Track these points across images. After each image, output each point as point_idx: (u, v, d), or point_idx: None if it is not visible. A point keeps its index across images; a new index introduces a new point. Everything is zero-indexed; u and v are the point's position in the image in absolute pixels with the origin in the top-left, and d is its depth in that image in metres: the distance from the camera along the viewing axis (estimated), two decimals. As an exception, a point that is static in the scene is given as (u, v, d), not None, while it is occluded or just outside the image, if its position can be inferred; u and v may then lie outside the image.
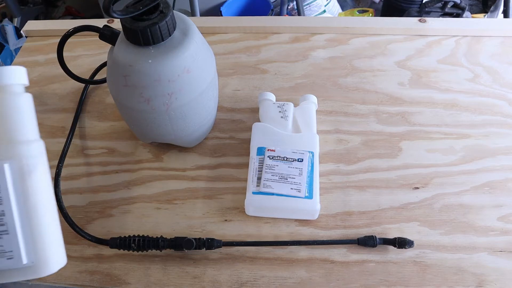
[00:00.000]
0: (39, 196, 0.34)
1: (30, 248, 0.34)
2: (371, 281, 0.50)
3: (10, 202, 0.33)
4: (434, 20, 0.80)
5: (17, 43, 1.66)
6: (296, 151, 0.56)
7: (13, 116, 0.34)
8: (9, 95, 0.34)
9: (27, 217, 0.33)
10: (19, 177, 0.33)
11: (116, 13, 0.44)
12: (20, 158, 0.33)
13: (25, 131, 0.34)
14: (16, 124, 0.34)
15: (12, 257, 0.33)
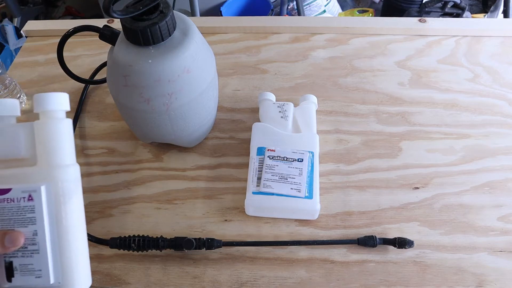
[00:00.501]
0: (71, 219, 0.35)
1: (58, 269, 0.35)
2: (371, 281, 0.50)
3: (43, 223, 0.34)
4: (434, 20, 0.80)
5: (17, 43, 1.66)
6: (296, 151, 0.56)
7: (54, 141, 0.35)
8: (51, 120, 0.35)
9: (58, 238, 0.35)
10: (55, 199, 0.34)
11: (116, 13, 0.44)
12: (57, 181, 0.34)
13: (64, 155, 0.35)
14: (56, 149, 0.35)
15: (41, 276, 0.34)
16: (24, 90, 0.72)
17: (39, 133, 0.35)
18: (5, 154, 0.35)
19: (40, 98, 0.35)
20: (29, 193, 0.34)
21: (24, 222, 0.34)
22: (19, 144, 0.35)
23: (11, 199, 0.34)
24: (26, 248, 0.34)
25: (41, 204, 0.34)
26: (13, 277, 0.34)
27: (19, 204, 0.34)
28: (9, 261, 0.34)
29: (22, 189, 0.34)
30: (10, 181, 0.34)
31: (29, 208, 0.34)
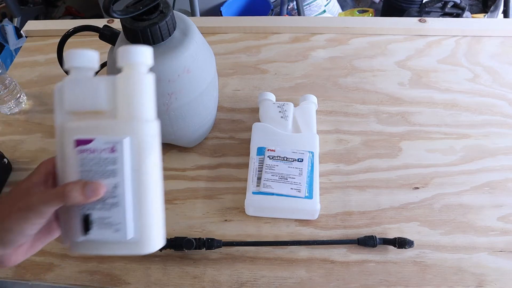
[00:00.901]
0: (151, 174, 0.34)
1: (136, 223, 0.34)
2: (371, 281, 0.50)
3: (124, 176, 0.33)
4: (434, 20, 0.80)
5: (17, 43, 1.66)
6: (296, 151, 0.56)
7: (138, 94, 0.34)
8: (137, 73, 0.34)
9: (137, 193, 0.34)
10: (137, 153, 0.33)
11: (116, 13, 0.44)
12: (139, 135, 0.33)
13: (147, 110, 0.34)
14: (140, 102, 0.34)
15: (119, 230, 0.34)
16: (24, 90, 0.72)
17: (123, 86, 0.34)
18: (83, 106, 0.34)
19: (125, 50, 0.34)
20: (112, 145, 0.33)
21: (104, 174, 0.33)
22: (100, 96, 0.34)
23: (93, 150, 0.33)
24: (105, 201, 0.33)
25: (123, 156, 0.33)
26: (90, 230, 0.34)
27: (100, 156, 0.33)
28: (87, 213, 0.34)
29: (105, 141, 0.33)
30: (92, 132, 0.33)
31: (111, 160, 0.33)
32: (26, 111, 0.71)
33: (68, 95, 0.34)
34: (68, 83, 0.34)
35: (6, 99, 0.68)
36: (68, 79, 0.34)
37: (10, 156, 0.63)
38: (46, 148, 0.65)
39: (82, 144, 0.33)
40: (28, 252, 0.37)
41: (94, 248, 0.35)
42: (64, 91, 0.34)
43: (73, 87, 0.34)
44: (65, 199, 0.32)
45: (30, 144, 0.66)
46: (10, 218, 0.32)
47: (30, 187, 0.34)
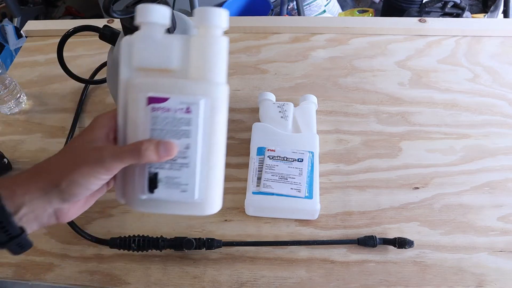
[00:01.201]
0: (220, 138, 0.34)
1: (203, 185, 0.34)
2: (371, 281, 0.50)
3: (197, 137, 0.33)
4: (434, 20, 0.80)
5: (17, 43, 1.66)
6: (296, 151, 0.56)
7: (214, 57, 0.33)
8: (214, 35, 0.33)
9: (207, 155, 0.34)
10: (209, 115, 0.33)
11: (116, 13, 0.44)
12: (214, 97, 0.33)
13: (221, 73, 0.34)
14: (216, 65, 0.34)
15: (186, 190, 0.34)
16: (24, 90, 0.72)
17: (199, 47, 0.33)
18: (153, 63, 0.33)
19: (202, 12, 0.33)
20: (187, 105, 0.33)
21: (177, 134, 0.33)
22: (171, 54, 0.33)
23: (168, 109, 0.33)
24: (175, 161, 0.33)
25: (198, 118, 0.33)
26: (156, 189, 0.34)
27: (175, 115, 0.33)
28: (155, 172, 0.33)
29: (180, 100, 0.33)
30: (166, 90, 0.33)
31: (185, 121, 0.33)
32: (26, 111, 0.71)
33: (138, 51, 0.33)
34: (139, 38, 0.33)
35: (6, 99, 0.68)
36: (139, 35, 0.34)
37: (10, 156, 0.63)
38: (46, 148, 0.65)
39: (156, 102, 0.33)
40: (83, 208, 0.36)
41: (156, 207, 0.35)
42: (134, 47, 0.33)
43: (144, 43, 0.33)
44: (139, 157, 0.32)
45: (30, 144, 0.66)
46: (77, 171, 0.32)
47: (94, 141, 0.34)
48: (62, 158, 0.34)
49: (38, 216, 0.33)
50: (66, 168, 0.33)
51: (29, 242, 0.34)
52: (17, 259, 0.53)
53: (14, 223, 0.32)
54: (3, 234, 0.32)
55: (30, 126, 0.68)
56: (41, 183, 0.33)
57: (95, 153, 0.33)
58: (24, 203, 0.32)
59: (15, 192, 0.32)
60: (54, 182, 0.32)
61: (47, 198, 0.32)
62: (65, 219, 0.35)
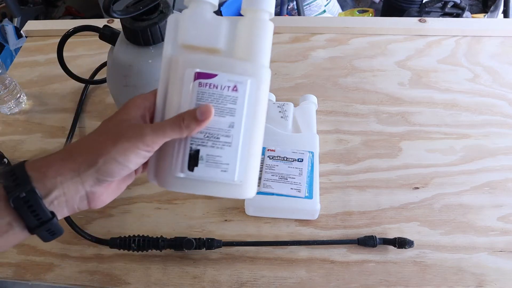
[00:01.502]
0: (261, 119, 0.34)
1: (243, 166, 0.33)
2: (371, 281, 0.50)
3: (242, 117, 0.33)
4: (434, 20, 0.80)
5: (17, 43, 1.66)
6: (296, 151, 0.56)
7: (262, 40, 0.34)
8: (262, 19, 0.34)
9: (249, 136, 0.33)
10: (254, 96, 0.33)
11: (116, 13, 0.44)
12: (259, 78, 0.33)
13: (266, 56, 0.34)
14: (262, 48, 0.34)
15: (226, 170, 0.33)
16: (24, 90, 0.72)
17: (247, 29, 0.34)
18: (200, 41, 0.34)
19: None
20: (235, 84, 0.33)
21: (222, 111, 0.33)
22: (219, 34, 0.34)
23: (215, 85, 0.32)
24: (218, 138, 0.33)
25: (245, 97, 0.33)
26: (196, 167, 0.33)
27: (221, 92, 0.33)
28: (196, 149, 0.33)
29: (228, 78, 0.33)
30: (213, 68, 0.33)
31: (231, 99, 0.33)
32: (26, 111, 0.71)
33: (186, 28, 0.33)
34: (187, 15, 0.34)
35: (6, 99, 0.68)
36: (188, 12, 0.34)
37: (10, 156, 0.63)
38: (46, 148, 0.65)
39: (204, 78, 0.33)
40: (114, 193, 0.36)
41: (193, 187, 0.34)
42: (181, 24, 0.34)
43: (194, 20, 0.34)
44: (181, 129, 0.31)
45: (30, 144, 0.66)
46: (116, 147, 0.31)
47: (131, 119, 0.33)
48: (97, 137, 0.33)
49: (69, 199, 0.32)
50: (103, 145, 0.31)
51: (60, 228, 0.32)
52: (17, 259, 0.53)
53: (44, 207, 0.31)
54: (34, 219, 0.31)
55: (30, 126, 0.68)
56: (75, 164, 0.31)
57: (135, 128, 0.32)
58: (55, 186, 0.31)
59: (46, 174, 0.31)
60: (90, 162, 0.31)
61: (81, 179, 0.31)
62: (97, 203, 0.34)
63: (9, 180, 0.30)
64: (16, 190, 0.30)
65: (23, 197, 0.30)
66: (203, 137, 0.33)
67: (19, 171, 0.31)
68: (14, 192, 0.30)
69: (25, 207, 0.30)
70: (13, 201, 0.30)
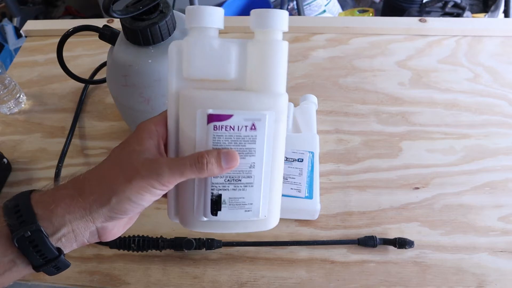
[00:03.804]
0: (281, 149, 0.32)
1: (266, 202, 0.32)
2: (371, 281, 0.50)
3: (263, 155, 0.31)
4: (434, 20, 0.80)
5: (17, 43, 1.66)
6: (296, 151, 0.56)
7: (276, 65, 0.30)
8: (275, 41, 0.30)
9: (271, 170, 0.31)
10: (273, 129, 0.31)
11: (116, 13, 0.44)
12: (277, 110, 0.30)
13: (282, 81, 0.31)
14: (277, 73, 0.30)
15: (250, 210, 0.32)
16: (23, 90, 0.72)
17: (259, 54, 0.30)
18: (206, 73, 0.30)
19: (260, 14, 0.29)
20: (252, 122, 0.30)
21: (243, 153, 0.30)
22: (227, 63, 0.30)
23: (232, 127, 0.30)
24: (239, 181, 0.31)
25: (264, 134, 0.30)
26: (220, 211, 0.31)
27: (239, 133, 0.30)
28: (218, 194, 0.31)
29: (245, 117, 0.29)
30: (229, 106, 0.29)
31: (250, 138, 0.30)
32: (26, 111, 0.70)
33: (190, 60, 0.30)
34: (189, 45, 0.30)
35: (5, 99, 0.68)
36: (190, 41, 0.30)
37: (9, 156, 0.62)
38: (46, 148, 0.65)
39: (218, 120, 0.29)
40: (126, 226, 0.34)
41: (218, 227, 0.33)
42: (185, 54, 0.30)
43: (197, 50, 0.30)
44: (201, 170, 0.29)
45: (30, 144, 0.66)
46: (130, 185, 0.29)
47: (142, 152, 0.30)
48: (108, 171, 0.31)
49: (78, 235, 0.30)
50: (116, 182, 0.29)
51: (67, 264, 0.31)
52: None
53: (51, 245, 0.29)
54: (39, 258, 0.29)
55: (29, 126, 0.68)
56: (85, 202, 0.30)
57: (150, 165, 0.29)
58: (64, 224, 0.29)
59: (54, 211, 0.29)
60: (102, 201, 0.29)
61: (92, 217, 0.30)
62: (108, 237, 0.32)
63: (13, 218, 0.29)
64: (20, 228, 0.28)
65: (28, 237, 0.28)
66: (224, 181, 0.31)
67: (24, 207, 0.29)
68: (19, 231, 0.28)
69: (30, 247, 0.29)
70: (17, 241, 0.28)
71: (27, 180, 0.61)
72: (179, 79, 0.30)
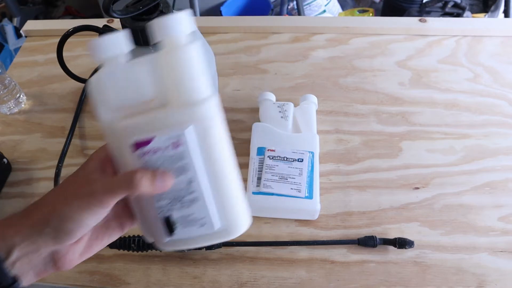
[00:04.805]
0: (221, 155, 0.31)
1: (220, 212, 0.32)
2: (371, 281, 0.50)
3: (196, 168, 0.30)
4: (434, 20, 0.80)
5: (17, 43, 1.66)
6: (296, 151, 0.56)
7: (188, 72, 0.29)
8: (179, 47, 0.29)
9: (214, 181, 0.31)
10: (203, 139, 0.30)
11: (116, 12, 0.44)
12: (200, 118, 0.29)
13: (200, 87, 0.29)
14: (192, 80, 0.29)
15: (204, 224, 0.32)
16: (23, 90, 0.72)
17: (167, 66, 0.29)
18: (128, 99, 0.29)
19: (160, 23, 0.28)
20: (174, 139, 0.29)
21: (176, 172, 0.30)
22: (143, 84, 0.29)
23: (156, 150, 0.30)
24: (183, 199, 0.31)
25: (190, 149, 0.30)
26: (174, 231, 0.32)
27: (166, 153, 0.30)
28: (167, 215, 0.31)
29: (166, 136, 0.29)
30: (149, 129, 0.29)
31: (178, 156, 0.30)
32: (26, 111, 0.70)
33: (108, 91, 0.30)
34: (103, 77, 0.30)
35: (5, 99, 0.68)
36: (103, 73, 0.30)
37: (9, 156, 0.62)
38: (46, 148, 0.65)
39: (142, 146, 0.30)
40: (85, 254, 0.33)
41: (183, 244, 0.33)
42: (102, 87, 0.30)
43: (111, 80, 0.30)
44: (132, 188, 0.29)
45: (30, 144, 0.66)
46: (69, 205, 0.29)
47: (87, 174, 0.31)
48: (55, 193, 0.32)
49: (32, 260, 0.30)
50: (56, 203, 0.30)
51: None
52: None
53: (5, 269, 0.28)
54: None
55: (29, 126, 0.68)
56: (32, 221, 0.30)
57: (87, 186, 0.30)
58: (15, 244, 0.29)
59: (5, 233, 0.29)
60: (45, 220, 0.30)
61: (40, 237, 0.29)
62: (64, 264, 0.31)
63: None
64: None
65: None
66: (167, 203, 0.31)
67: None
68: None
69: None
70: None
71: (27, 180, 0.61)
72: (104, 111, 0.30)
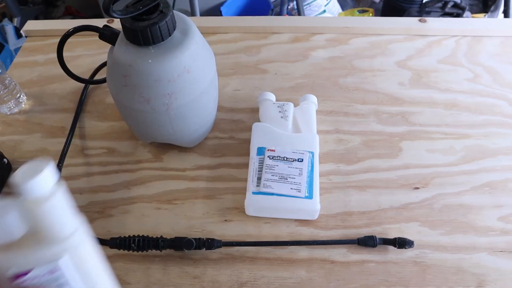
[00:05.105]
0: (95, 269, 0.35)
1: None
2: (371, 281, 0.50)
3: (73, 285, 0.33)
4: (434, 20, 0.80)
5: (17, 43, 1.66)
6: (296, 151, 0.56)
7: (54, 220, 0.31)
8: (43, 203, 0.30)
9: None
10: (76, 262, 0.33)
11: (116, 13, 0.44)
12: (71, 249, 0.32)
13: (68, 223, 0.32)
14: (59, 224, 0.31)
15: None
16: (24, 90, 0.72)
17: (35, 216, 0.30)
18: None
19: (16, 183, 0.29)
20: (50, 268, 0.32)
21: None
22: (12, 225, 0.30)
23: (34, 277, 0.32)
24: None
25: (65, 272, 0.33)
26: None
27: (43, 278, 0.32)
28: None
29: (42, 267, 0.32)
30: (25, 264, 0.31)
31: (55, 278, 0.33)
32: (26, 111, 0.71)
33: None
34: None
35: (5, 99, 0.68)
36: None
37: (9, 156, 0.63)
38: (46, 148, 0.65)
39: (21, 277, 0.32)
40: None
41: None
42: None
43: None
44: None
45: (30, 144, 0.66)
46: None
47: None
48: None
49: None
50: None
51: None
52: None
53: None
54: None
55: (30, 126, 0.68)
56: None
57: None
58: None
59: None
60: None
61: None
62: None
63: None
64: None
65: None
66: None
67: None
68: None
69: None
70: None
71: (27, 180, 0.61)
72: None
